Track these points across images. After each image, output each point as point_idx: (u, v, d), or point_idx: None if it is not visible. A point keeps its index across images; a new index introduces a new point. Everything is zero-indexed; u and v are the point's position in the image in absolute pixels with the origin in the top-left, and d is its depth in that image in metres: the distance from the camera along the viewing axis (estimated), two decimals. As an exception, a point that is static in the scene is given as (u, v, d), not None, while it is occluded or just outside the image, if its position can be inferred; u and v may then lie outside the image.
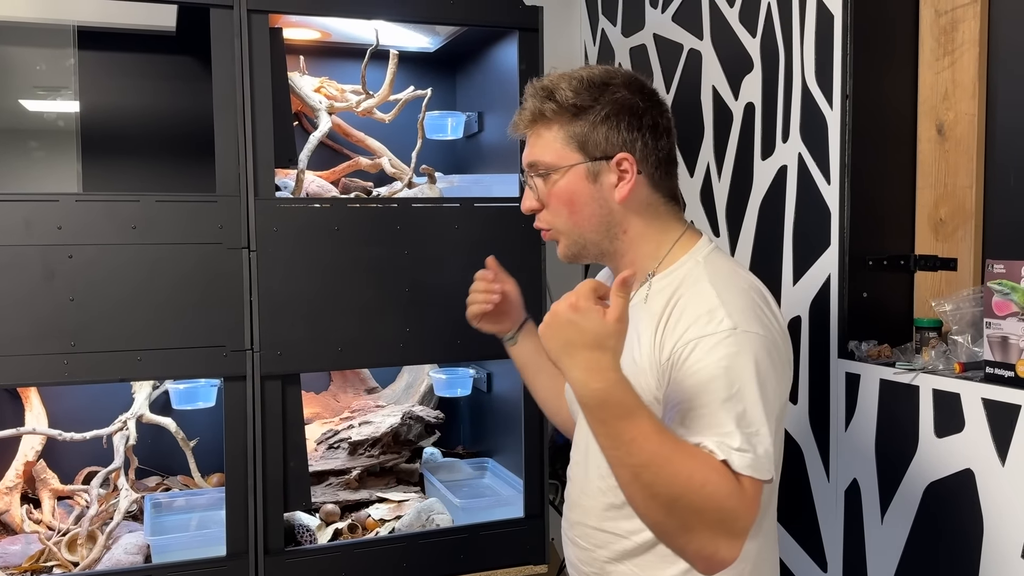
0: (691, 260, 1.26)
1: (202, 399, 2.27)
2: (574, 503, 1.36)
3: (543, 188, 1.28)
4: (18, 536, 2.08)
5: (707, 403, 1.10)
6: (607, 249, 1.30)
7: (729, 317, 1.14)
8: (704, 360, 1.12)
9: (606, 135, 1.23)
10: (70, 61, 2.12)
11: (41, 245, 1.75)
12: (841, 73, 1.67)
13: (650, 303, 1.25)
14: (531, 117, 1.27)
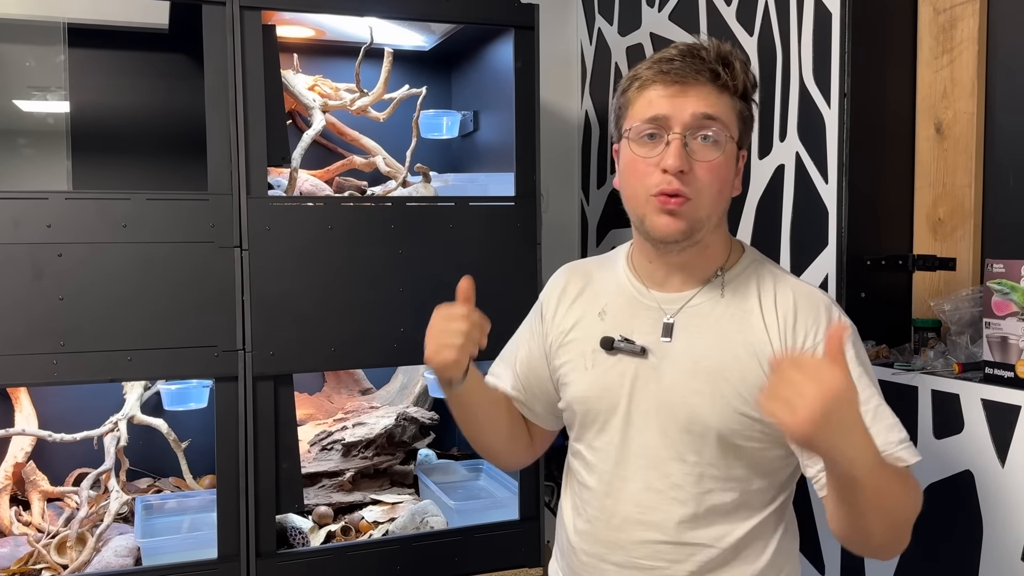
0: (750, 257, 1.28)
1: (194, 400, 2.25)
2: (629, 522, 1.24)
3: (706, 151, 1.17)
4: (7, 538, 2.06)
5: (867, 399, 1.13)
6: (707, 236, 1.23)
7: (835, 310, 1.21)
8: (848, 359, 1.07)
9: (748, 125, 1.24)
10: (60, 58, 2.10)
11: (30, 243, 1.73)
12: (839, 72, 1.66)
13: (731, 297, 1.23)
14: (719, 79, 1.17)
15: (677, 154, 1.15)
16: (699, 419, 1.19)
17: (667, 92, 1.17)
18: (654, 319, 1.25)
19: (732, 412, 1.18)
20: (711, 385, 1.19)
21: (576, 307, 1.34)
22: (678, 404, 1.20)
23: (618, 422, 1.25)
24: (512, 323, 1.45)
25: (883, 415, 1.15)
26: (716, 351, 1.20)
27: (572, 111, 2.81)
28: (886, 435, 1.13)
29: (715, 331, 1.21)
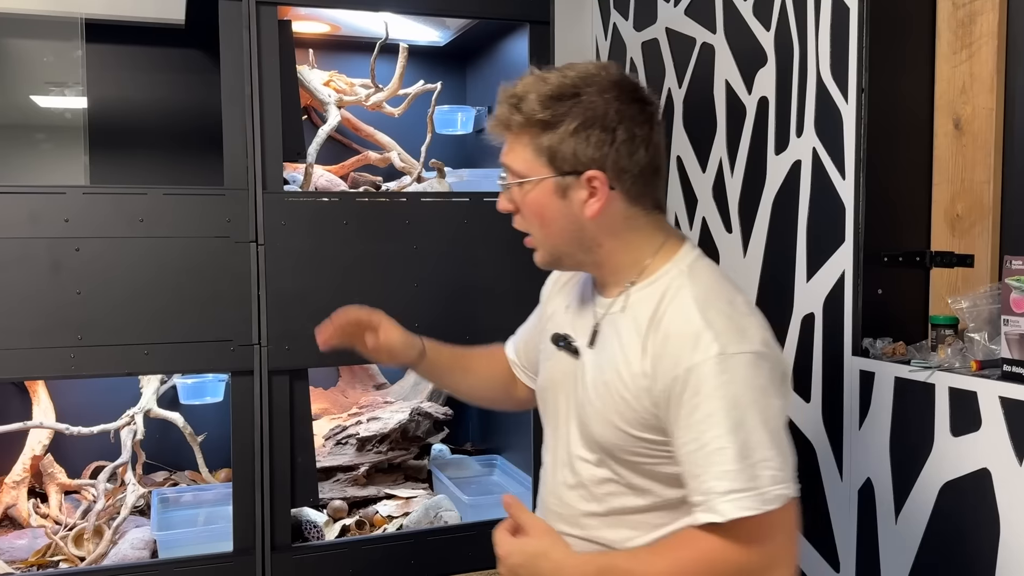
0: (674, 269, 1.22)
1: (210, 394, 2.26)
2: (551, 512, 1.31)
3: (516, 195, 1.22)
4: (25, 530, 2.08)
5: (707, 442, 1.08)
6: (583, 260, 1.25)
7: (716, 340, 1.11)
8: (699, 394, 1.09)
9: (574, 150, 1.16)
10: (77, 53, 2.11)
11: (48, 238, 1.75)
12: (857, 67, 1.65)
13: (630, 312, 1.21)
14: (498, 125, 1.21)
15: (501, 196, 1.24)
16: (590, 430, 1.22)
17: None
18: (589, 323, 1.28)
19: (614, 428, 1.19)
20: (601, 399, 1.21)
21: (559, 296, 1.39)
22: (582, 410, 1.24)
23: (556, 415, 1.31)
24: (522, 315, 1.48)
25: (722, 459, 1.07)
26: (609, 365, 1.21)
27: (587, 106, 2.80)
28: (713, 482, 1.08)
29: (614, 344, 1.21)
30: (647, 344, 1.16)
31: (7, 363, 1.73)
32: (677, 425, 1.12)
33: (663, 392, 1.13)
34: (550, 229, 1.21)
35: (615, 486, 1.22)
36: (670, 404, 1.12)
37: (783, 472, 1.09)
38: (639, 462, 1.19)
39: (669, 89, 2.29)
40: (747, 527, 1.06)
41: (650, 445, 1.17)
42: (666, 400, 1.13)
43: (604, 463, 1.22)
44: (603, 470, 1.23)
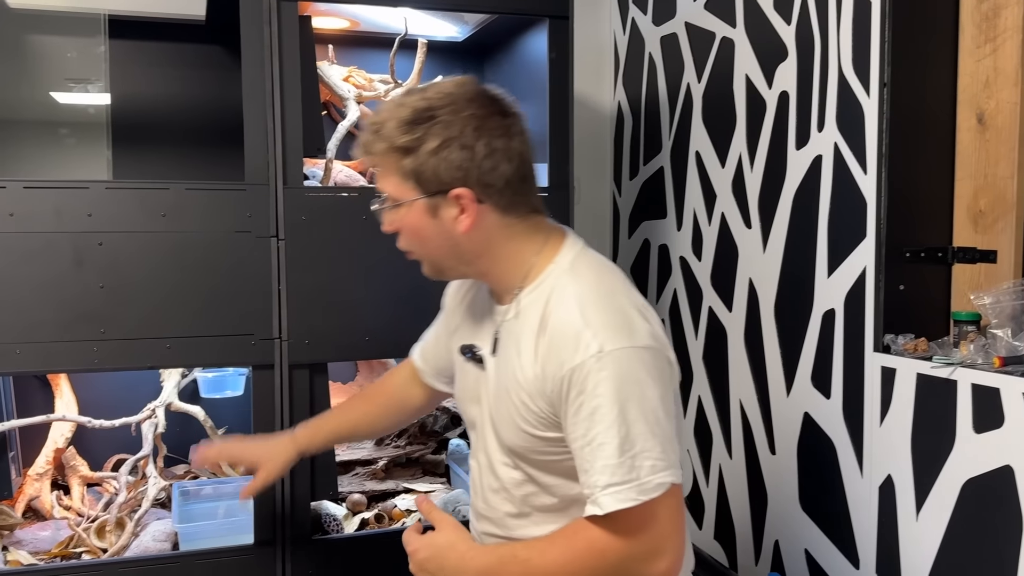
0: (556, 269, 1.25)
1: (230, 388, 2.27)
2: (480, 515, 1.37)
3: (392, 217, 1.26)
4: (48, 522, 2.10)
5: (592, 438, 1.13)
6: (466, 272, 1.30)
7: (595, 338, 1.14)
8: (582, 393, 1.14)
9: (435, 170, 1.18)
10: (101, 49, 2.12)
11: (72, 232, 1.76)
12: (879, 61, 1.64)
13: (522, 317, 1.25)
14: (364, 153, 1.24)
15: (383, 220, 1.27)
16: (501, 435, 1.27)
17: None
18: (489, 331, 1.32)
19: (520, 431, 1.23)
20: (505, 405, 1.25)
21: (462, 308, 1.43)
22: (492, 417, 1.29)
23: (472, 425, 1.37)
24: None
25: (603, 453, 1.12)
26: (508, 372, 1.25)
27: (604, 102, 2.80)
28: (596, 476, 1.13)
29: (511, 350, 1.25)
30: (537, 347, 1.20)
31: (31, 356, 1.75)
32: (567, 423, 1.17)
33: (554, 392, 1.18)
34: (428, 247, 1.26)
35: (531, 486, 1.28)
36: (560, 403, 1.17)
37: (663, 461, 1.14)
38: (547, 460, 1.24)
39: (688, 84, 2.29)
40: (629, 517, 1.12)
41: (555, 443, 1.22)
42: (558, 400, 1.18)
43: (518, 466, 1.28)
44: (518, 472, 1.28)
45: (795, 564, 1.89)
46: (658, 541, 1.15)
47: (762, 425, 1.98)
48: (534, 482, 1.27)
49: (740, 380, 2.07)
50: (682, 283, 2.33)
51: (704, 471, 2.24)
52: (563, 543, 1.18)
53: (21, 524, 2.07)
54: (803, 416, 1.84)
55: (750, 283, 2.02)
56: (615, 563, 1.15)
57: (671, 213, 2.39)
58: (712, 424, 2.19)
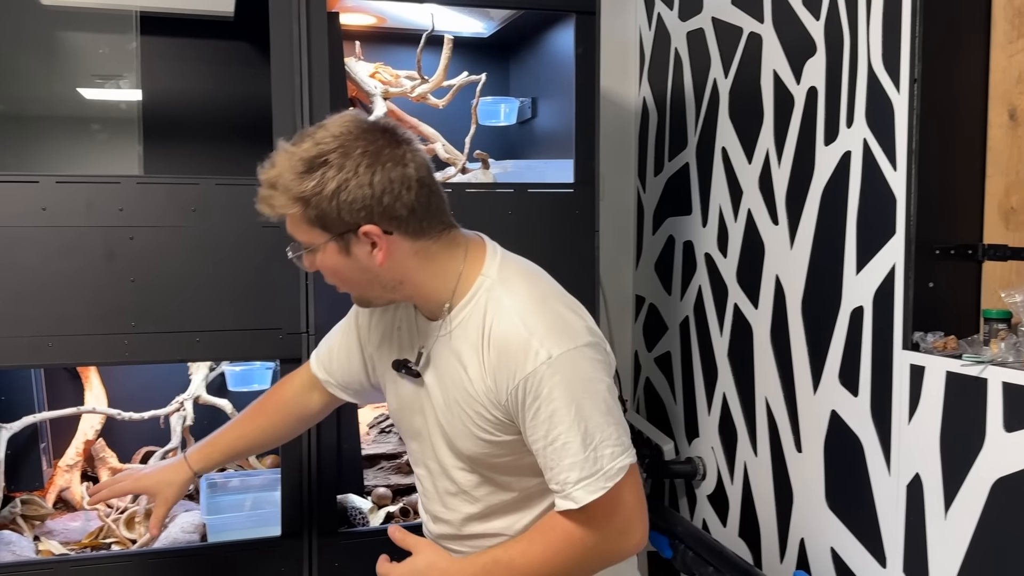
0: (486, 282, 1.29)
1: (257, 381, 2.29)
2: (439, 519, 1.42)
3: (308, 260, 1.28)
4: (78, 513, 2.13)
5: (555, 438, 1.21)
6: (393, 297, 1.33)
7: (542, 346, 1.20)
8: (538, 398, 1.20)
9: (338, 212, 1.20)
10: (132, 45, 2.14)
11: (103, 226, 1.78)
12: (909, 56, 1.63)
13: (458, 333, 1.29)
14: (266, 207, 1.25)
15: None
16: (455, 444, 1.33)
17: None
18: (415, 345, 1.37)
19: (476, 439, 1.30)
20: (457, 416, 1.30)
21: (380, 323, 1.45)
22: (444, 428, 1.33)
23: (416, 434, 1.41)
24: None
25: (569, 452, 1.20)
26: (455, 386, 1.29)
27: (630, 97, 2.79)
28: (565, 474, 1.20)
29: (454, 365, 1.29)
30: (484, 361, 1.25)
31: (63, 349, 1.77)
32: (526, 427, 1.24)
33: (509, 401, 1.23)
34: (350, 283, 1.30)
35: (489, 487, 1.35)
36: (517, 411, 1.23)
37: (620, 446, 1.23)
38: (503, 463, 1.31)
39: (715, 79, 2.28)
40: (600, 505, 1.21)
41: (513, 445, 1.28)
42: (514, 408, 1.24)
43: (475, 470, 1.34)
44: (475, 476, 1.34)
45: (821, 562, 1.88)
46: (628, 518, 1.25)
47: (788, 423, 1.98)
48: (492, 483, 1.34)
49: (766, 377, 2.06)
50: (707, 280, 2.33)
51: (729, 468, 2.23)
52: (541, 540, 1.26)
53: (52, 515, 2.10)
54: (830, 414, 1.83)
55: (777, 280, 2.01)
56: (593, 547, 1.24)
57: (696, 209, 2.38)
58: (737, 421, 2.19)
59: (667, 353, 2.57)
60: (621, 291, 2.80)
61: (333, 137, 1.21)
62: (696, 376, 2.39)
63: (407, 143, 1.25)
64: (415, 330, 1.37)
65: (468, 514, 1.37)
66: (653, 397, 2.68)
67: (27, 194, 1.74)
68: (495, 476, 1.34)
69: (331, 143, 1.20)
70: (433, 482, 1.41)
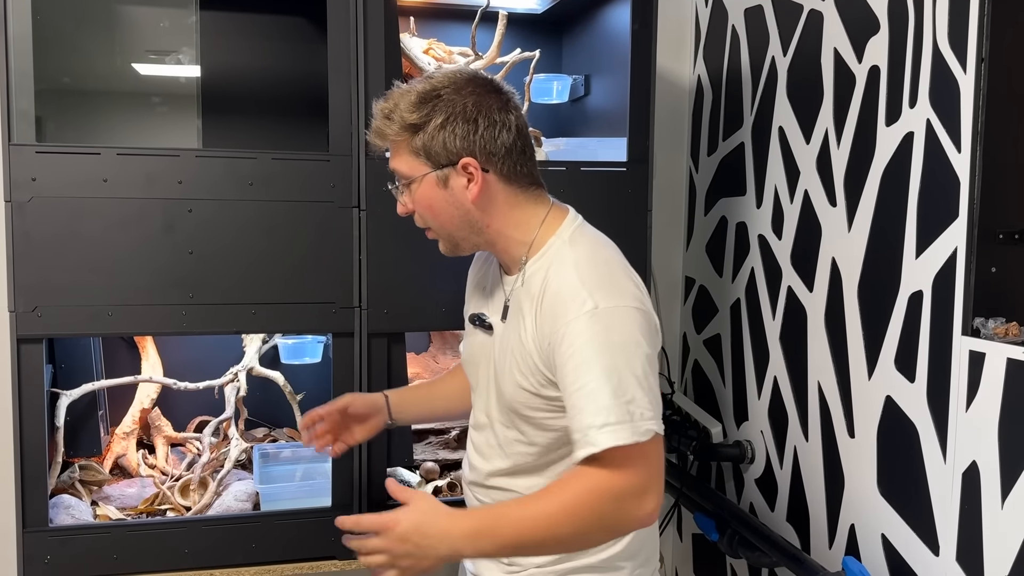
0: (558, 241, 1.39)
1: (308, 355, 2.32)
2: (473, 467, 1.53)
3: (408, 196, 1.42)
4: (134, 479, 2.18)
5: (585, 383, 1.24)
6: (478, 242, 1.44)
7: (590, 297, 1.27)
8: (575, 343, 1.25)
9: (444, 143, 1.34)
10: (192, 19, 2.17)
11: (162, 199, 1.81)
12: (977, 35, 1.58)
13: (527, 286, 1.39)
14: (378, 137, 1.39)
15: (399, 202, 1.45)
16: (500, 391, 1.42)
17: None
18: (500, 300, 1.47)
19: (516, 387, 1.38)
20: (507, 363, 1.39)
21: (474, 281, 1.61)
22: (495, 378, 1.44)
23: (475, 387, 1.53)
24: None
25: (598, 398, 1.22)
26: (513, 332, 1.39)
27: (684, 76, 2.76)
28: (591, 418, 1.22)
29: (517, 314, 1.40)
30: (537, 311, 1.34)
31: (124, 319, 1.81)
32: (559, 375, 1.29)
33: (549, 347, 1.30)
34: (442, 219, 1.40)
35: (522, 445, 1.42)
36: (555, 356, 1.29)
37: (651, 411, 1.25)
38: (538, 417, 1.38)
39: (773, 57, 2.24)
40: (621, 455, 1.22)
41: (546, 401, 1.35)
42: (552, 354, 1.30)
43: (513, 423, 1.42)
44: (512, 431, 1.42)
45: (871, 549, 1.86)
46: (648, 480, 1.25)
47: (841, 408, 1.95)
48: (525, 440, 1.41)
49: (819, 362, 2.04)
50: (760, 262, 2.30)
51: (778, 453, 2.21)
52: (559, 492, 1.26)
53: (109, 480, 2.15)
54: (885, 399, 1.81)
55: (833, 263, 1.98)
56: (611, 501, 1.23)
57: (751, 190, 2.35)
58: (788, 406, 2.17)
59: (717, 336, 2.55)
60: (671, 272, 2.78)
61: (447, 77, 1.37)
62: (747, 359, 2.37)
63: (510, 94, 1.40)
64: (499, 286, 1.49)
65: (499, 468, 1.45)
66: (701, 379, 2.66)
67: (89, 165, 1.77)
68: (529, 431, 1.40)
69: (444, 81, 1.36)
70: (481, 434, 1.51)
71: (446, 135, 1.34)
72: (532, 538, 1.24)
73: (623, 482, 1.23)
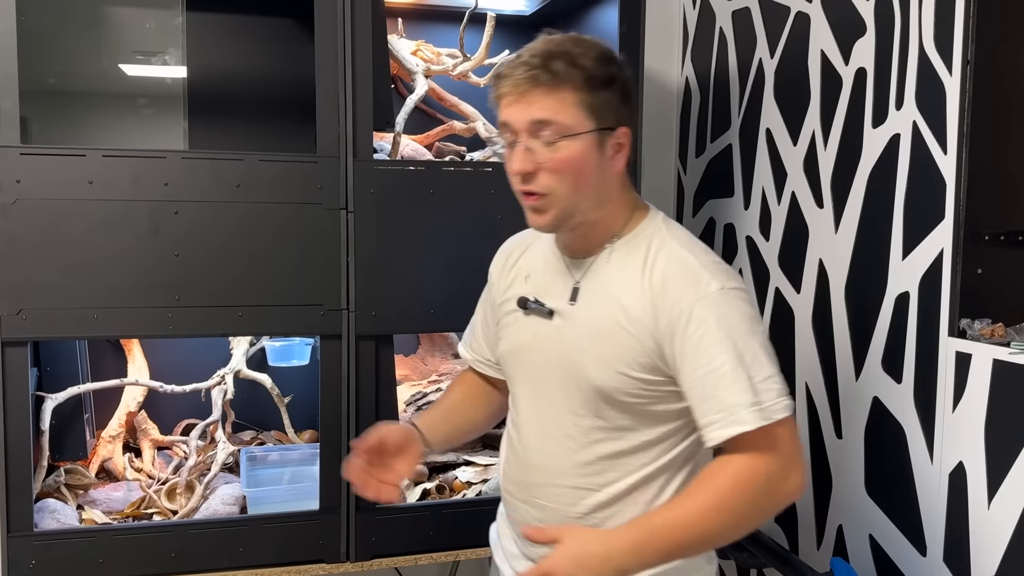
0: (652, 223, 1.36)
1: (296, 357, 2.31)
2: (533, 467, 1.41)
3: (546, 152, 1.27)
4: (121, 483, 2.16)
5: (720, 364, 1.22)
6: (590, 218, 1.34)
7: (714, 278, 1.26)
8: (704, 324, 1.23)
9: (618, 108, 1.29)
10: (178, 20, 2.16)
11: (148, 201, 1.80)
12: (963, 37, 1.59)
13: (616, 264, 1.34)
14: (547, 75, 1.25)
15: (517, 159, 1.29)
16: (585, 377, 1.32)
17: (509, 101, 1.29)
18: (565, 283, 1.39)
19: (613, 372, 1.30)
20: (596, 347, 1.31)
21: (512, 271, 1.51)
22: (571, 362, 1.34)
23: (528, 376, 1.42)
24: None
25: (735, 379, 1.21)
26: (603, 314, 1.32)
27: (671, 77, 2.76)
28: (734, 398, 1.21)
29: (604, 295, 1.33)
30: (645, 288, 1.29)
31: (109, 321, 1.79)
32: (684, 356, 1.25)
33: (667, 329, 1.26)
34: (582, 183, 1.29)
35: (601, 433, 1.34)
36: (675, 339, 1.25)
37: (783, 388, 1.24)
38: (632, 403, 1.32)
39: (760, 59, 2.25)
40: (766, 436, 1.21)
41: (645, 385, 1.30)
42: (670, 336, 1.26)
43: (595, 411, 1.33)
44: (591, 419, 1.34)
45: (859, 549, 1.87)
46: (790, 456, 1.24)
47: (828, 409, 1.96)
48: (607, 427, 1.33)
49: (806, 362, 2.04)
50: (748, 263, 2.30)
51: (766, 453, 2.22)
52: (708, 488, 1.23)
53: (95, 484, 2.13)
54: (872, 400, 1.81)
55: (820, 264, 1.99)
56: (761, 485, 1.22)
57: (738, 192, 2.36)
58: (776, 406, 2.17)
59: (705, 336, 2.55)
60: (659, 273, 2.78)
61: (606, 43, 1.32)
62: (734, 360, 2.37)
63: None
64: (560, 269, 1.41)
65: (576, 462, 1.35)
66: (690, 380, 2.66)
67: (74, 167, 1.76)
68: (618, 418, 1.33)
69: (610, 46, 1.31)
70: (533, 427, 1.41)
71: (621, 100, 1.29)
72: (690, 539, 1.23)
73: (768, 463, 1.22)
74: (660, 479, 1.36)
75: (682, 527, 1.22)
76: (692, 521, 1.22)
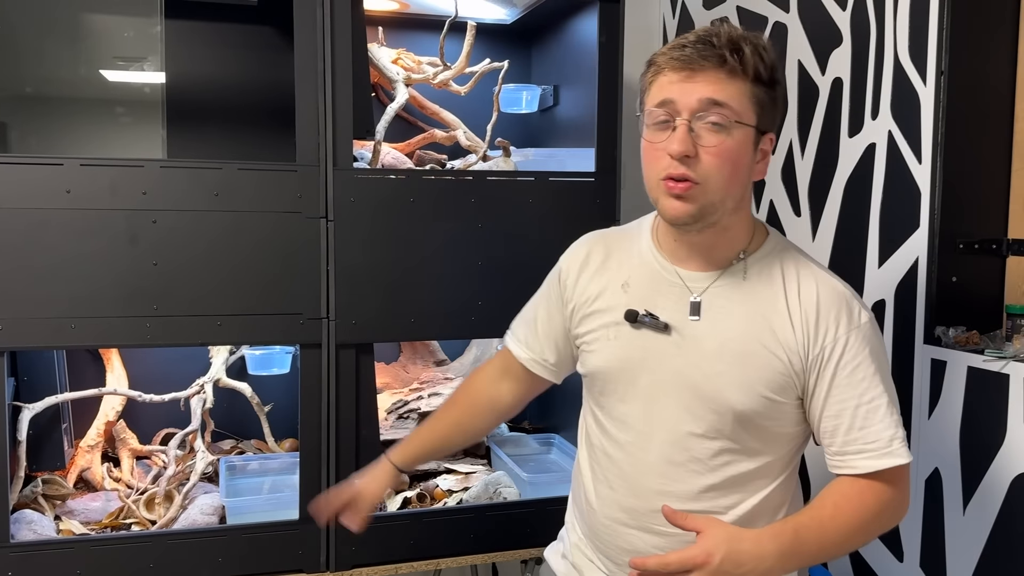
0: (773, 241, 1.32)
1: (276, 366, 2.30)
2: (652, 491, 1.31)
3: (711, 136, 1.19)
4: (99, 493, 2.15)
5: (874, 396, 1.23)
6: (724, 220, 1.26)
7: (864, 309, 1.26)
8: (859, 356, 1.23)
9: (775, 112, 1.25)
10: (156, 29, 2.15)
11: (126, 210, 1.79)
12: (937, 48, 1.61)
13: (753, 281, 1.28)
14: (737, 61, 1.18)
15: (681, 139, 1.19)
16: (723, 399, 1.26)
17: (677, 78, 1.21)
18: (678, 296, 1.31)
19: (756, 395, 1.25)
20: (738, 368, 1.26)
21: (600, 277, 1.39)
22: (702, 383, 1.27)
23: (639, 394, 1.32)
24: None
25: (886, 413, 1.24)
26: (742, 335, 1.26)
27: (652, 86, 2.77)
28: (889, 431, 1.23)
29: (741, 314, 1.27)
30: (794, 312, 1.25)
31: (87, 331, 1.78)
32: (835, 385, 1.24)
33: (817, 357, 1.24)
34: (734, 176, 1.22)
35: (730, 455, 1.29)
36: (827, 367, 1.24)
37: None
38: (767, 425, 1.28)
39: (738, 70, 2.26)
40: (903, 469, 1.25)
41: (781, 407, 1.27)
42: (822, 363, 1.24)
43: (730, 435, 1.28)
44: (718, 441, 1.28)
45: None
46: (907, 493, 1.28)
47: (806, 415, 1.97)
48: (736, 450, 1.28)
49: (785, 369, 2.05)
50: (727, 271, 2.31)
51: (746, 460, 2.23)
52: (855, 507, 1.24)
53: (73, 494, 2.12)
54: (849, 407, 1.82)
55: (798, 272, 2.00)
56: (891, 512, 1.27)
57: (717, 200, 2.37)
58: (755, 413, 2.18)
59: (685, 344, 2.56)
60: (640, 281, 2.79)
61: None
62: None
63: None
64: (674, 281, 1.32)
65: (704, 486, 1.29)
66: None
67: (52, 176, 1.75)
68: (749, 440, 1.28)
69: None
70: (648, 450, 1.31)
71: (781, 105, 1.27)
72: (826, 552, 1.25)
73: (900, 495, 1.27)
74: (776, 500, 1.34)
75: (823, 544, 1.22)
76: (833, 540, 1.23)
